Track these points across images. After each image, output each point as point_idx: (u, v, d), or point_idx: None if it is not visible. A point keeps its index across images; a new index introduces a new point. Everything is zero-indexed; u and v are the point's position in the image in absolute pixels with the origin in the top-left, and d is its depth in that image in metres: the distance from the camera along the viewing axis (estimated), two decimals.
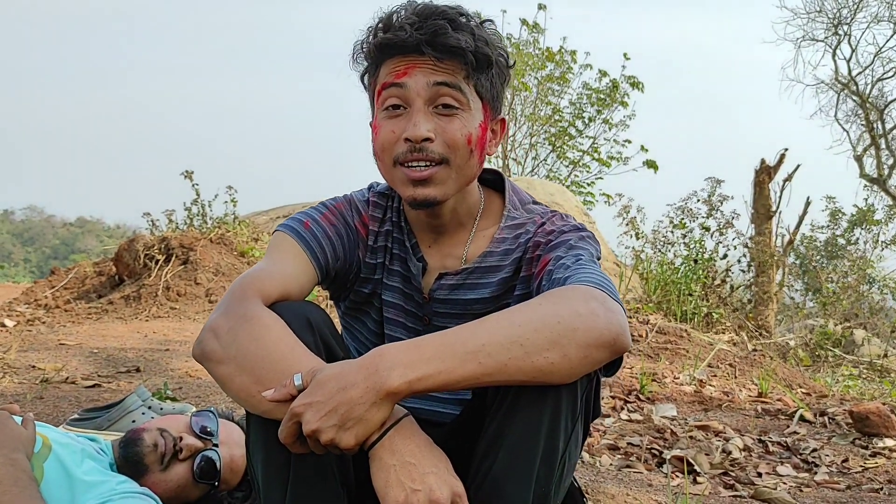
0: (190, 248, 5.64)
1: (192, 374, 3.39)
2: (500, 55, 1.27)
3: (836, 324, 7.23)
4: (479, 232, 1.34)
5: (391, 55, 1.23)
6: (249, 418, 1.14)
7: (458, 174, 1.25)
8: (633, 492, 2.12)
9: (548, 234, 1.29)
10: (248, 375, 1.07)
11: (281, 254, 1.26)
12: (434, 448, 1.04)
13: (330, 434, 0.98)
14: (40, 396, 2.76)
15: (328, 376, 1.00)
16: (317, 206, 1.36)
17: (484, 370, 1.01)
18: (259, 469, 1.13)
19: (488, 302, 1.32)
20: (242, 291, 1.16)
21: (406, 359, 1.00)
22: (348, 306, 1.41)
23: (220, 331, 1.11)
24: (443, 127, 1.22)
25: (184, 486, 1.60)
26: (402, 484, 0.98)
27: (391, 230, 1.36)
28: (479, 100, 1.26)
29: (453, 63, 1.21)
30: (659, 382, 3.72)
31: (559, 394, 1.06)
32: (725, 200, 6.46)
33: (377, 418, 1.00)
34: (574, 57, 12.01)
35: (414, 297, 1.35)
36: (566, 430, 1.09)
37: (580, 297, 1.07)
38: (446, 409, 1.35)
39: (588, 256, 1.23)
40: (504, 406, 1.07)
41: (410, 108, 1.22)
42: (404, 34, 1.19)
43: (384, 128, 1.24)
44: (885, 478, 2.49)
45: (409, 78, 1.21)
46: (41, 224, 51.87)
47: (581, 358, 1.03)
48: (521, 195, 1.39)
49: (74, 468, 1.44)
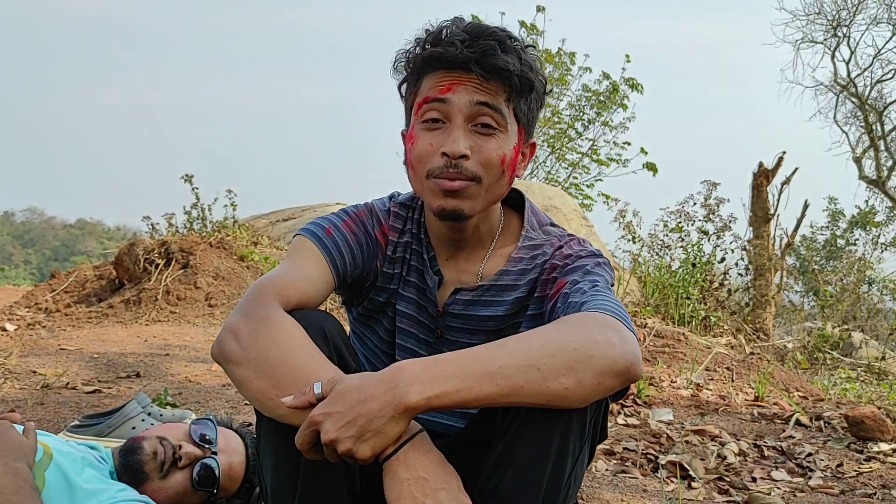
0: (190, 252, 5.66)
1: (191, 380, 3.41)
2: (540, 81, 1.30)
3: (835, 326, 7.25)
4: (496, 250, 1.36)
5: (436, 69, 1.25)
6: (261, 423, 1.16)
7: (487, 193, 1.27)
8: (628, 497, 2.14)
9: (565, 258, 1.31)
10: (267, 379, 1.08)
11: (302, 258, 1.28)
12: (447, 465, 1.06)
13: (347, 444, 1.01)
14: (41, 402, 2.78)
15: (349, 387, 1.03)
16: (338, 213, 1.37)
17: (500, 391, 1.03)
18: (268, 474, 1.15)
19: (501, 320, 1.34)
20: (263, 295, 1.17)
21: (426, 375, 1.03)
22: (361, 313, 1.43)
23: (241, 333, 1.12)
24: (479, 146, 1.23)
25: (183, 494, 1.62)
26: (414, 498, 1.01)
27: (410, 241, 1.38)
28: (517, 123, 1.28)
29: (497, 84, 1.23)
30: (656, 386, 3.74)
31: (570, 418, 1.08)
32: (722, 203, 6.48)
33: (394, 432, 1.02)
34: (573, 59, 12.03)
35: (428, 310, 1.37)
36: (574, 452, 1.11)
37: (597, 325, 1.10)
38: (450, 422, 1.37)
39: (604, 283, 1.25)
40: (514, 425, 1.09)
41: (450, 124, 1.24)
42: (454, 50, 1.21)
43: (421, 139, 1.26)
44: (879, 482, 2.51)
45: (452, 94, 1.23)
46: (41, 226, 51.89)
47: (595, 385, 1.06)
48: (539, 216, 1.41)
49: (75, 476, 1.45)
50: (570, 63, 11.98)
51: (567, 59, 11.95)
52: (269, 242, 6.62)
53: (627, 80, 11.84)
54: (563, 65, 11.92)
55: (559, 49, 11.91)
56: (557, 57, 11.85)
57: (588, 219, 7.19)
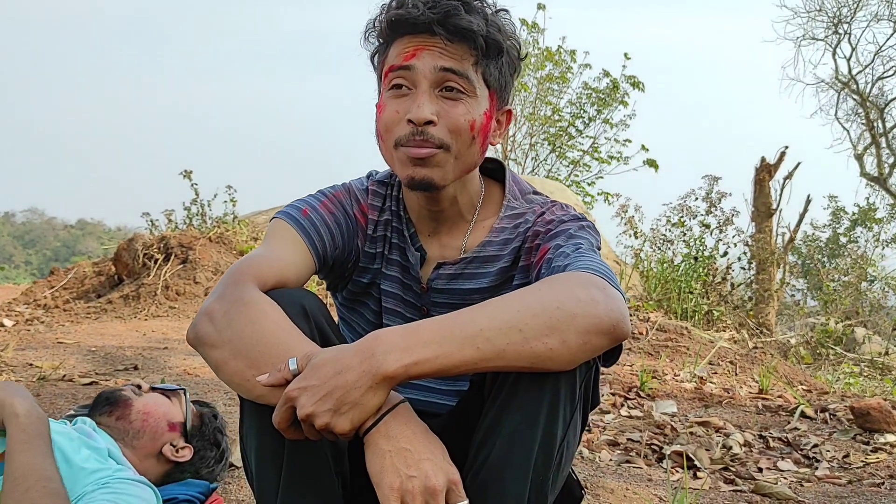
0: (189, 248, 5.63)
1: (189, 373, 3.38)
2: (511, 44, 1.25)
3: (837, 322, 7.21)
4: (478, 222, 1.33)
5: (401, 34, 1.21)
6: (243, 405, 1.12)
7: (458, 160, 1.23)
8: (633, 486, 2.10)
9: (547, 224, 1.28)
10: (243, 360, 1.05)
11: (279, 241, 1.25)
12: (430, 435, 1.02)
13: (325, 419, 0.97)
14: (37, 394, 2.75)
15: (324, 360, 0.99)
16: (315, 194, 1.34)
17: (482, 355, 0.99)
18: (252, 456, 1.12)
19: (487, 292, 1.30)
20: (238, 276, 1.14)
21: (403, 343, 0.99)
22: (346, 297, 1.40)
23: (216, 315, 1.09)
24: (447, 111, 1.20)
25: (164, 407, 1.73)
26: (397, 470, 0.97)
27: (390, 219, 1.35)
28: (487, 87, 1.24)
29: (463, 46, 1.19)
30: (659, 380, 3.71)
31: (558, 381, 1.04)
32: (724, 197, 6.44)
33: (373, 403, 0.98)
34: (573, 56, 12.00)
35: (412, 287, 1.33)
36: (565, 418, 1.07)
37: (580, 284, 1.06)
38: (443, 401, 1.34)
39: (588, 245, 1.21)
40: (502, 394, 1.05)
41: (416, 90, 1.20)
42: (416, 11, 1.17)
43: (388, 108, 1.22)
44: (887, 473, 2.48)
45: (416, 60, 1.19)
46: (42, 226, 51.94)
47: (580, 344, 1.02)
48: (521, 185, 1.37)
49: (73, 455, 1.46)
50: (570, 61, 11.96)
51: (567, 56, 11.93)
52: None
53: (628, 77, 11.82)
54: (563, 62, 11.90)
55: (559, 47, 11.89)
56: (558, 55, 11.83)
57: (590, 214, 7.16)
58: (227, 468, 1.88)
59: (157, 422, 1.70)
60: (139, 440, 1.66)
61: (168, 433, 1.72)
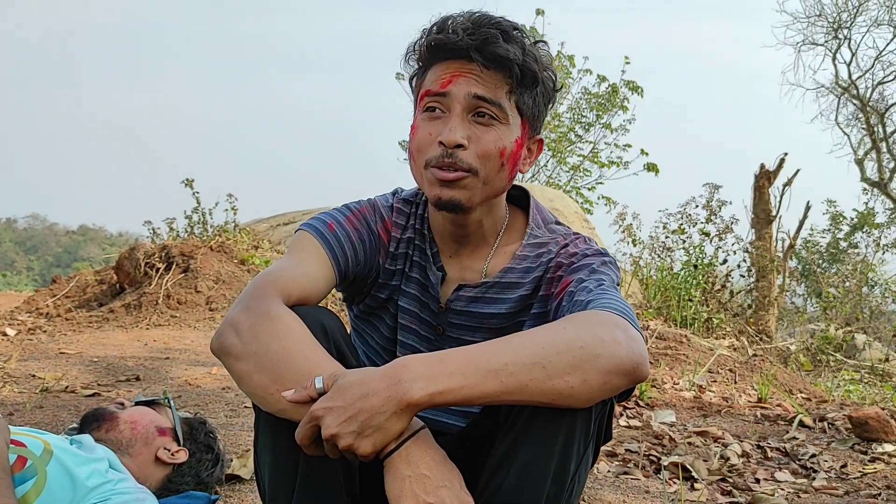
0: (190, 257, 5.66)
1: (191, 383, 3.40)
2: (547, 76, 1.28)
3: (838, 328, 7.22)
4: (501, 247, 1.35)
5: (440, 59, 1.24)
6: (259, 419, 1.14)
7: (486, 185, 1.25)
8: (630, 498, 2.12)
9: (570, 256, 1.30)
10: (267, 374, 1.07)
11: (303, 254, 1.27)
12: (448, 463, 1.04)
13: (348, 440, 0.99)
14: (40, 406, 2.77)
15: (350, 382, 1.01)
16: (340, 209, 1.36)
17: (504, 389, 1.01)
18: (266, 472, 1.14)
19: (504, 318, 1.32)
20: (264, 289, 1.16)
21: (429, 372, 1.01)
22: (362, 310, 1.42)
23: (241, 326, 1.11)
24: (478, 136, 1.22)
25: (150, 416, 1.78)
26: (415, 495, 0.99)
27: (413, 237, 1.37)
28: (520, 116, 1.26)
29: (499, 74, 1.22)
30: (658, 388, 3.72)
31: (574, 417, 1.07)
32: (724, 205, 6.46)
33: (396, 428, 1.01)
34: (572, 62, 12.05)
35: (430, 306, 1.35)
36: (578, 452, 1.09)
37: (603, 324, 1.08)
38: (451, 421, 1.36)
39: (610, 282, 1.23)
40: (518, 424, 1.07)
41: (449, 114, 1.23)
42: (456, 37, 1.20)
43: (421, 129, 1.25)
44: (884, 483, 2.49)
45: (452, 86, 1.22)
46: (44, 232, 51.97)
47: (601, 384, 1.04)
48: (544, 214, 1.40)
49: (76, 469, 1.48)
50: (569, 66, 11.99)
51: (567, 61, 11.96)
52: (270, 246, 6.61)
53: (627, 82, 11.86)
54: (562, 68, 11.93)
55: (559, 52, 11.93)
56: (557, 60, 11.87)
57: (589, 221, 7.18)
58: (224, 470, 1.93)
59: (145, 428, 1.76)
60: (133, 447, 1.72)
61: (159, 438, 1.77)
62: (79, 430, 1.75)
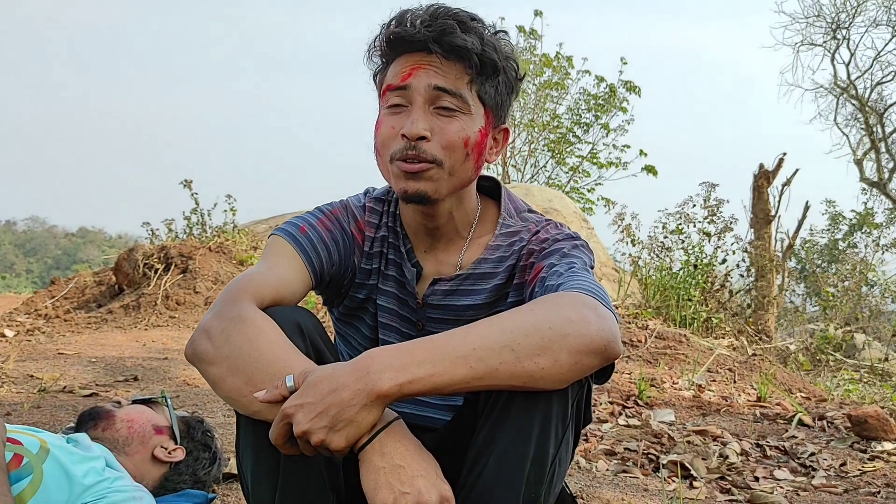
0: (189, 257, 5.65)
1: (189, 383, 3.39)
2: (509, 65, 1.28)
3: (837, 328, 7.22)
4: (474, 239, 1.35)
5: (399, 53, 1.25)
6: (239, 421, 1.14)
7: (452, 176, 1.25)
8: (629, 496, 2.11)
9: (541, 242, 1.30)
10: (240, 376, 1.07)
11: (276, 258, 1.27)
12: (424, 452, 1.04)
13: (320, 435, 0.99)
14: (37, 406, 2.77)
15: (320, 378, 1.01)
16: (313, 211, 1.36)
17: (474, 374, 1.01)
18: (248, 472, 1.13)
19: (481, 308, 1.32)
20: (236, 294, 1.16)
21: (397, 362, 1.01)
22: (342, 312, 1.42)
23: (213, 332, 1.11)
24: (441, 127, 1.22)
25: (146, 414, 1.78)
26: (391, 486, 0.99)
27: (387, 235, 1.37)
28: (482, 105, 1.27)
29: (458, 65, 1.22)
30: (657, 388, 3.72)
31: (550, 400, 1.06)
32: (722, 204, 6.46)
33: (368, 420, 1.00)
34: (571, 63, 12.05)
35: (408, 303, 1.35)
36: (556, 435, 1.09)
37: (572, 304, 1.08)
38: (437, 415, 1.36)
39: (581, 265, 1.23)
40: (495, 411, 1.07)
41: (411, 107, 1.23)
42: (413, 30, 1.21)
43: (384, 124, 1.26)
44: (883, 481, 2.49)
45: (412, 79, 1.23)
46: (43, 234, 51.98)
47: (572, 364, 1.03)
48: (516, 203, 1.40)
49: (72, 468, 1.49)
50: (568, 67, 12.00)
51: (565, 62, 11.97)
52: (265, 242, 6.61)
53: (625, 83, 11.86)
54: (561, 69, 11.95)
55: (557, 53, 11.94)
56: (556, 61, 11.87)
57: (588, 221, 7.19)
58: (222, 469, 1.93)
59: (142, 427, 1.77)
60: (130, 446, 1.72)
61: (156, 436, 1.78)
62: (75, 428, 1.75)
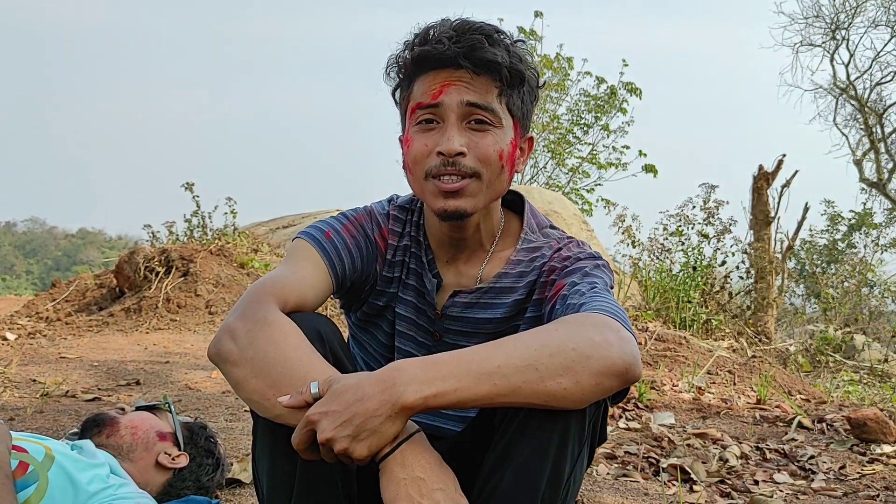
0: (190, 260, 5.66)
1: (191, 387, 3.40)
2: (531, 74, 1.30)
3: (837, 329, 7.23)
4: (496, 252, 1.36)
5: (426, 70, 1.25)
6: (257, 425, 1.15)
7: (488, 188, 1.27)
8: (629, 501, 2.13)
9: (563, 260, 1.31)
10: (264, 379, 1.08)
11: (301, 261, 1.28)
12: (443, 465, 1.05)
13: (344, 444, 1.00)
14: (40, 410, 2.78)
15: (345, 387, 1.02)
16: (338, 217, 1.37)
17: (498, 391, 1.03)
18: (264, 477, 1.15)
19: (500, 322, 1.33)
20: (261, 295, 1.17)
21: (423, 375, 1.02)
22: (360, 318, 1.43)
23: (238, 333, 1.12)
24: (475, 142, 1.24)
25: (150, 421, 1.80)
26: (410, 498, 1.00)
27: (409, 245, 1.38)
28: (511, 117, 1.28)
29: (487, 79, 1.23)
30: (658, 390, 3.73)
31: (568, 418, 1.08)
32: (722, 206, 6.47)
33: (391, 431, 1.02)
34: (571, 64, 12.07)
35: (427, 313, 1.36)
36: (573, 454, 1.10)
37: (595, 326, 1.09)
38: (448, 426, 1.37)
39: (602, 285, 1.25)
40: (513, 426, 1.08)
41: (444, 123, 1.24)
42: (442, 47, 1.21)
43: (417, 141, 1.26)
44: (882, 484, 2.50)
45: (444, 96, 1.23)
46: (43, 236, 51.98)
47: (593, 385, 1.05)
48: (539, 218, 1.41)
49: (77, 475, 1.50)
50: (568, 68, 12.01)
51: (565, 63, 11.98)
52: (270, 249, 6.63)
53: (626, 84, 11.88)
54: (561, 70, 11.96)
55: (557, 54, 11.96)
56: (556, 62, 11.89)
57: (588, 223, 7.19)
58: (225, 474, 1.94)
59: (146, 433, 1.78)
60: (134, 452, 1.73)
61: (160, 443, 1.79)
62: (80, 435, 1.76)
